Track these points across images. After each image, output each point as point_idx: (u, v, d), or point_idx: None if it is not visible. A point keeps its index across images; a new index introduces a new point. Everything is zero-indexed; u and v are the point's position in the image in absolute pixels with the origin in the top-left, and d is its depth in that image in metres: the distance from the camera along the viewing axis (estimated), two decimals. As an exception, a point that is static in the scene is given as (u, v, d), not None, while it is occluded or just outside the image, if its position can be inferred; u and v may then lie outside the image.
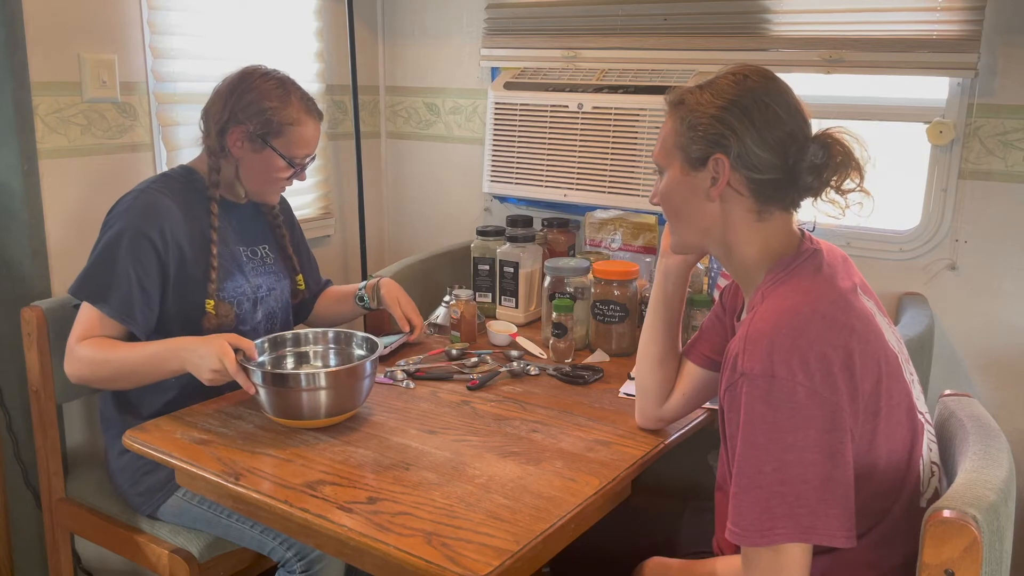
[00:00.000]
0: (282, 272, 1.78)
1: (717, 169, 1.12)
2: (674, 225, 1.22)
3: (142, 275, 1.51)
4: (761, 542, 0.98)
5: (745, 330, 1.04)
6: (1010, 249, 1.85)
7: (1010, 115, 1.81)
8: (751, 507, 0.99)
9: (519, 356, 1.78)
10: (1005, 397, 1.89)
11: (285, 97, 1.60)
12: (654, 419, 1.40)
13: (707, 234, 1.17)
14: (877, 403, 1.02)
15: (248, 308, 1.66)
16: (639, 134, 2.11)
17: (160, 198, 1.55)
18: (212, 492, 1.31)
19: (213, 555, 1.57)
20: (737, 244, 1.15)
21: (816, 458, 0.97)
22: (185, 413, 1.48)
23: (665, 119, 1.19)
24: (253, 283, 1.68)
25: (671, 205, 1.20)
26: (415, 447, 1.35)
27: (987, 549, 0.88)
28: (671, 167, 1.18)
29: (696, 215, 1.17)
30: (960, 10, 1.80)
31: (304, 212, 2.52)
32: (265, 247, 1.75)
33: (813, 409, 0.97)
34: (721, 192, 1.12)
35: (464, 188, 2.64)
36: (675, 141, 1.16)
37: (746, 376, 1.00)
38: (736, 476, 1.02)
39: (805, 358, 0.98)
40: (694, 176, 1.14)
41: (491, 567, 1.02)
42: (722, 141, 1.11)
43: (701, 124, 1.12)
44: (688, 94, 1.15)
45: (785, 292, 1.07)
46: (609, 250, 2.10)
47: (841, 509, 0.98)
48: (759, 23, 2.04)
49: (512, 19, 2.42)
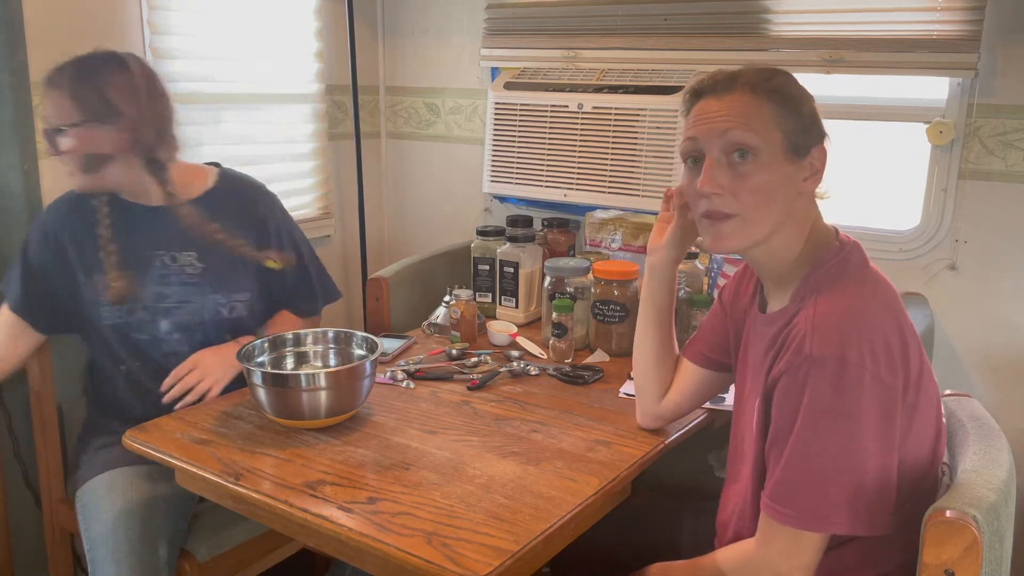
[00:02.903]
0: (210, 285, 1.62)
1: (817, 160, 1.09)
2: (756, 214, 1.08)
3: (37, 274, 1.58)
4: (816, 527, 1.00)
5: (810, 313, 1.02)
6: (1010, 249, 1.85)
7: (1010, 115, 1.81)
8: (809, 491, 1.00)
9: (519, 356, 1.78)
10: (1005, 397, 1.89)
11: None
12: (653, 417, 1.40)
13: (779, 228, 1.09)
14: (917, 396, 1.03)
15: (145, 317, 1.59)
16: (639, 134, 2.11)
17: (63, 200, 1.61)
18: (212, 492, 1.31)
19: (213, 555, 1.57)
20: (793, 239, 1.11)
21: (875, 447, 0.98)
22: (185, 413, 1.48)
23: (742, 101, 1.07)
24: (153, 291, 1.58)
25: (769, 193, 1.07)
26: (415, 447, 1.35)
27: (987, 549, 0.88)
28: (767, 151, 1.06)
29: (784, 206, 1.08)
30: (960, 10, 1.80)
31: (304, 212, 2.52)
32: (192, 255, 1.61)
33: (875, 395, 0.98)
34: (817, 184, 1.10)
35: (464, 188, 2.64)
36: (777, 124, 1.06)
37: (814, 360, 0.98)
38: (790, 458, 1.01)
39: (873, 343, 0.98)
40: (794, 165, 1.08)
41: (491, 567, 1.02)
42: (823, 131, 1.09)
43: (805, 111, 1.08)
44: (768, 79, 1.08)
45: (843, 280, 1.07)
46: (609, 250, 2.10)
47: (888, 501, 1.00)
48: (759, 23, 2.04)
49: (512, 19, 2.42)
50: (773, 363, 1.08)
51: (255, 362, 1.50)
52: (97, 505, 1.49)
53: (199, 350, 1.59)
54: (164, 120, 1.54)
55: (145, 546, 1.42)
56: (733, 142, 1.06)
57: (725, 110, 1.07)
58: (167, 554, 1.45)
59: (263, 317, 1.73)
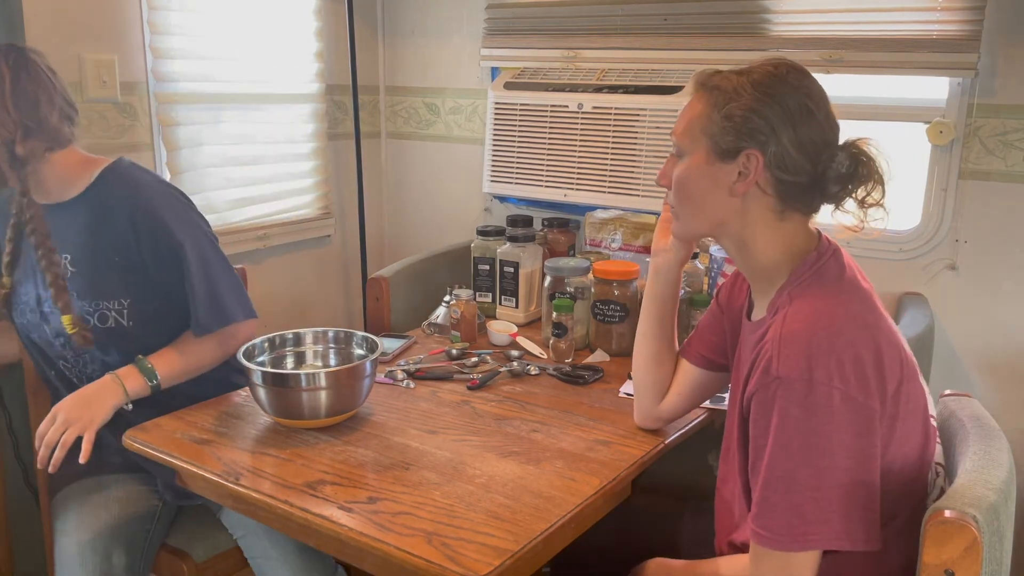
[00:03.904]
0: (77, 292, 1.50)
1: (748, 165, 1.07)
2: (683, 211, 1.17)
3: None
4: (794, 547, 0.98)
5: (778, 331, 1.01)
6: (1010, 249, 1.85)
7: (1010, 115, 1.81)
8: (783, 511, 0.98)
9: (519, 356, 1.78)
10: (1005, 397, 1.89)
11: None
12: (651, 418, 1.40)
13: (720, 227, 1.13)
14: (896, 407, 1.01)
15: (34, 320, 1.53)
16: (639, 134, 2.11)
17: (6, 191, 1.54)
18: (212, 492, 1.31)
19: (210, 555, 1.57)
20: (755, 242, 1.12)
21: (850, 464, 0.97)
22: (185, 413, 1.48)
23: (692, 99, 1.13)
24: (36, 294, 1.51)
25: (686, 191, 1.14)
26: (415, 447, 1.35)
27: (987, 549, 0.88)
28: (694, 152, 1.11)
29: (713, 207, 1.12)
30: (960, 10, 1.80)
31: (304, 212, 2.52)
32: (67, 257, 1.51)
33: (848, 414, 0.96)
34: (748, 189, 1.09)
35: (464, 188, 2.64)
36: (704, 127, 1.09)
37: (781, 380, 0.98)
38: (766, 479, 1.00)
39: (841, 361, 0.97)
40: (719, 167, 1.09)
41: (491, 567, 1.02)
42: (759, 136, 1.06)
43: (738, 114, 1.06)
44: (723, 79, 1.09)
45: (815, 292, 1.05)
46: (609, 250, 2.10)
47: (871, 514, 0.98)
48: (759, 23, 2.04)
49: (512, 19, 2.42)
50: (748, 377, 1.07)
51: (255, 361, 1.49)
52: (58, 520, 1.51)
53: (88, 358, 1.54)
54: (33, 113, 1.43)
55: (95, 554, 1.42)
56: (675, 143, 1.16)
57: (682, 111, 1.16)
58: (125, 561, 1.44)
59: (167, 328, 1.55)
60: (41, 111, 1.44)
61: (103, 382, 1.47)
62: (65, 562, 1.44)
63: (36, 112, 1.44)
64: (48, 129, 1.45)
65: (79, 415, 1.43)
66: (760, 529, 1.01)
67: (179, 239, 1.50)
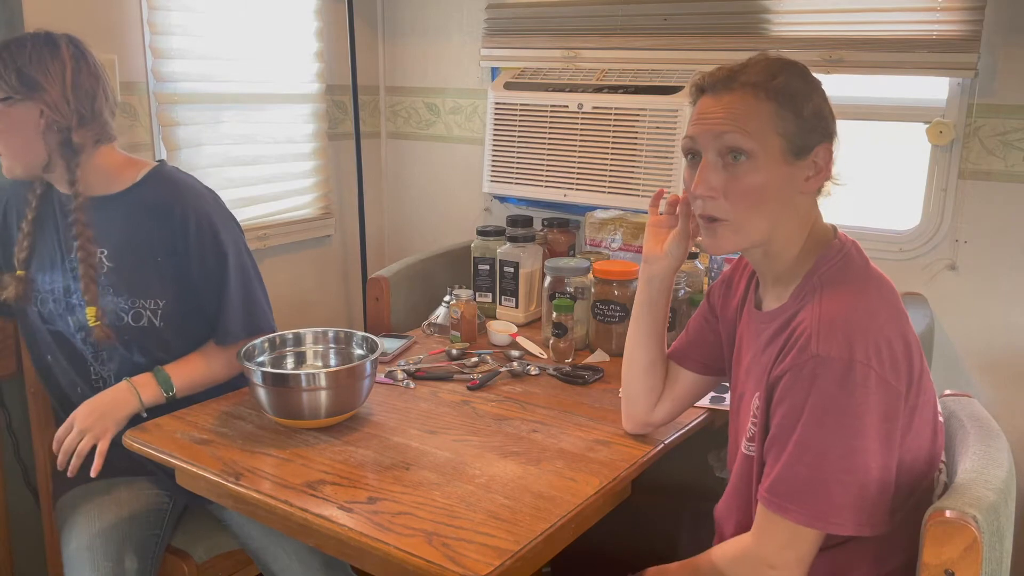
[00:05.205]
0: (113, 288, 1.51)
1: (820, 159, 1.07)
2: (748, 218, 1.07)
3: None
4: (815, 525, 1.00)
5: (815, 313, 1.02)
6: (1010, 249, 1.85)
7: (1010, 115, 1.81)
8: (809, 485, 1.00)
9: (519, 356, 1.78)
10: (1005, 397, 1.89)
11: None
12: (643, 424, 1.39)
13: (778, 228, 1.09)
14: (916, 398, 1.03)
15: (57, 310, 1.54)
16: (639, 134, 2.11)
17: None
18: (212, 492, 1.31)
19: (211, 555, 1.57)
20: (794, 237, 1.11)
21: (877, 447, 0.98)
22: (185, 413, 1.48)
23: (741, 102, 1.06)
24: (63, 284, 1.52)
25: (761, 196, 1.06)
26: (415, 447, 1.35)
27: (987, 549, 0.89)
28: (762, 154, 1.05)
29: (783, 208, 1.08)
30: (960, 10, 1.80)
31: (304, 212, 2.52)
32: (104, 252, 1.52)
33: (880, 396, 0.98)
34: (820, 184, 1.09)
35: (464, 188, 2.64)
36: (775, 126, 1.05)
37: (821, 358, 0.98)
38: (794, 452, 1.01)
39: (878, 343, 0.99)
40: (796, 166, 1.07)
41: (491, 567, 1.02)
42: (829, 130, 1.08)
43: (809, 111, 1.06)
44: (771, 78, 1.05)
45: (847, 279, 1.07)
46: (609, 250, 2.10)
47: (889, 500, 1.00)
48: (759, 23, 2.04)
49: (512, 19, 2.42)
50: (775, 361, 1.07)
51: (255, 362, 1.50)
52: (65, 523, 1.51)
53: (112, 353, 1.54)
54: (90, 103, 1.46)
55: (108, 558, 1.42)
56: (728, 145, 1.06)
57: (722, 112, 1.07)
58: (137, 565, 1.44)
59: (191, 334, 1.57)
60: (97, 102, 1.48)
61: (119, 390, 1.49)
62: (75, 565, 1.43)
63: (93, 103, 1.47)
64: (101, 122, 1.49)
65: (93, 424, 1.45)
66: (782, 500, 1.01)
67: (225, 249, 1.54)
